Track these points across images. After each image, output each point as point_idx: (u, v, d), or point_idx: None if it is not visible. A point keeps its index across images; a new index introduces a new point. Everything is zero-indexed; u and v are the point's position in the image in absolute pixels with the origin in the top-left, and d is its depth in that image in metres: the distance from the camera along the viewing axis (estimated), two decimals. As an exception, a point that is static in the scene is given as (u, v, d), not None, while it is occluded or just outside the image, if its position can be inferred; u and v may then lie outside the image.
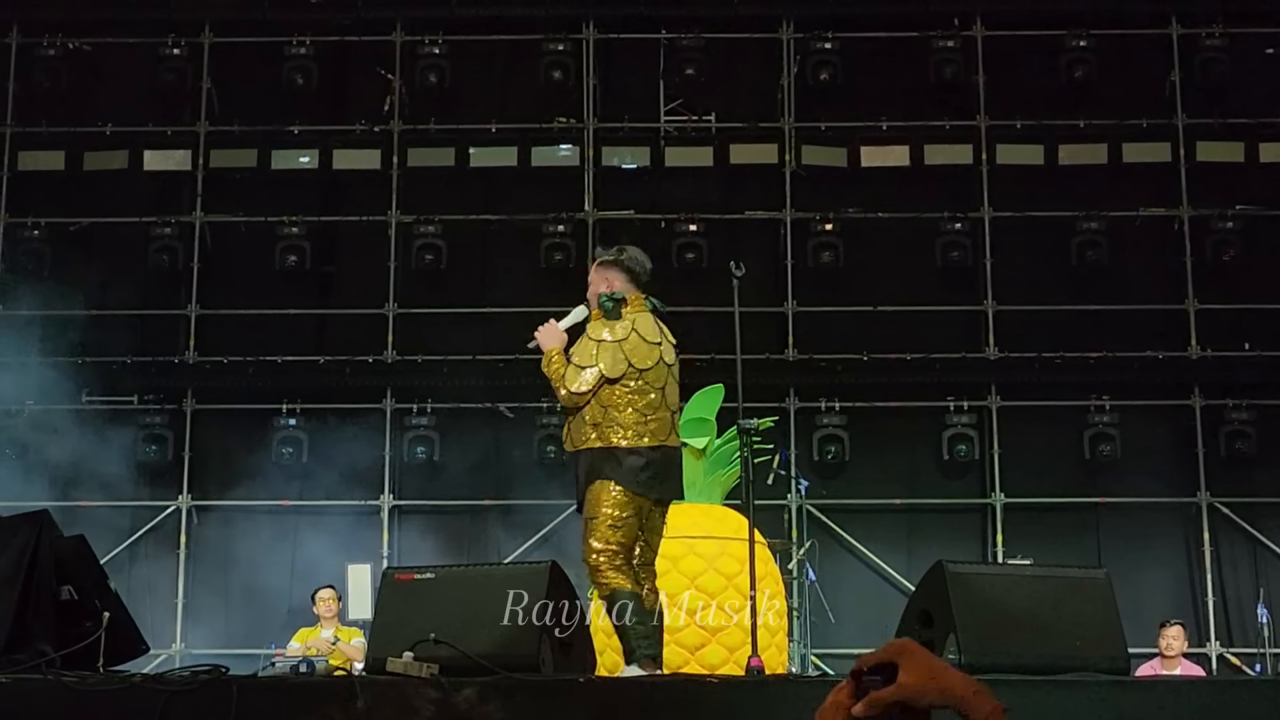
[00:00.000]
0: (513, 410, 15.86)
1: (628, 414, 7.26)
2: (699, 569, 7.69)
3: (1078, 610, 6.76)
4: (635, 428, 7.25)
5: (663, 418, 7.34)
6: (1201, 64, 16.33)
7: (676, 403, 7.52)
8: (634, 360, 7.30)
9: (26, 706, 6.18)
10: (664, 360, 7.40)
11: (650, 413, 7.29)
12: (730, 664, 7.41)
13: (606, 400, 7.29)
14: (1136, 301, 16.08)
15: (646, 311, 7.49)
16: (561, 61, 16.47)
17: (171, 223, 16.28)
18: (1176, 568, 15.86)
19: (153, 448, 15.78)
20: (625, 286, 7.50)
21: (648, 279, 7.60)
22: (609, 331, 7.35)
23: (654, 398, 7.32)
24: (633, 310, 7.46)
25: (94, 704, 6.09)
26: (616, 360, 7.28)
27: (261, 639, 14.61)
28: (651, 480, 7.24)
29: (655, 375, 7.34)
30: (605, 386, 7.28)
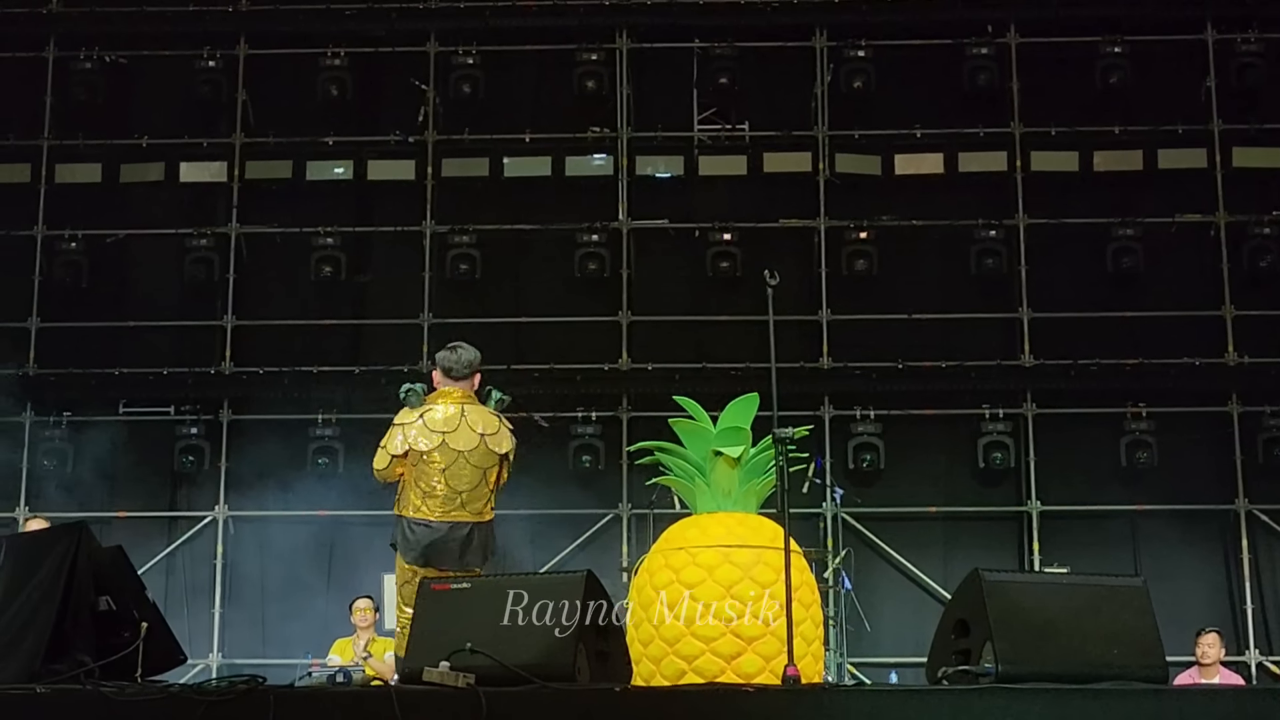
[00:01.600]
0: (548, 420, 15.86)
1: (411, 490, 8.60)
2: (735, 578, 7.68)
3: (1115, 619, 6.72)
4: (414, 502, 8.57)
5: (443, 496, 8.50)
6: (1237, 69, 16.27)
7: (458, 487, 8.53)
8: (413, 444, 8.53)
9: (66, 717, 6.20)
10: (450, 446, 8.51)
11: (429, 491, 8.51)
12: (766, 673, 7.39)
13: (406, 476, 8.65)
14: (1173, 308, 16.01)
15: (451, 404, 8.68)
16: (595, 71, 16.49)
17: (207, 234, 16.35)
18: (1214, 575, 15.79)
19: (189, 458, 15.84)
20: (439, 380, 8.84)
21: (462, 373, 8.84)
22: (400, 417, 8.72)
23: (436, 480, 8.52)
24: (434, 400, 8.73)
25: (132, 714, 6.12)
26: (398, 441, 8.62)
27: (298, 649, 14.62)
28: (426, 550, 8.52)
29: (437, 458, 8.50)
30: (407, 464, 8.61)
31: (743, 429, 8.11)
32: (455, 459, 8.53)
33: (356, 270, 16.48)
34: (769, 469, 7.99)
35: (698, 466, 8.16)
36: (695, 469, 8.17)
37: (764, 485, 8.13)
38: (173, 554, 15.97)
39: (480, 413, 8.77)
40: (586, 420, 15.74)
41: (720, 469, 8.12)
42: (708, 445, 8.12)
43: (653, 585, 7.87)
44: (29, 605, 6.96)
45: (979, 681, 6.45)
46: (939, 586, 15.27)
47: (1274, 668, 15.21)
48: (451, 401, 8.73)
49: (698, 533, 7.98)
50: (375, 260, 16.78)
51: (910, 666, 14.58)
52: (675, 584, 7.75)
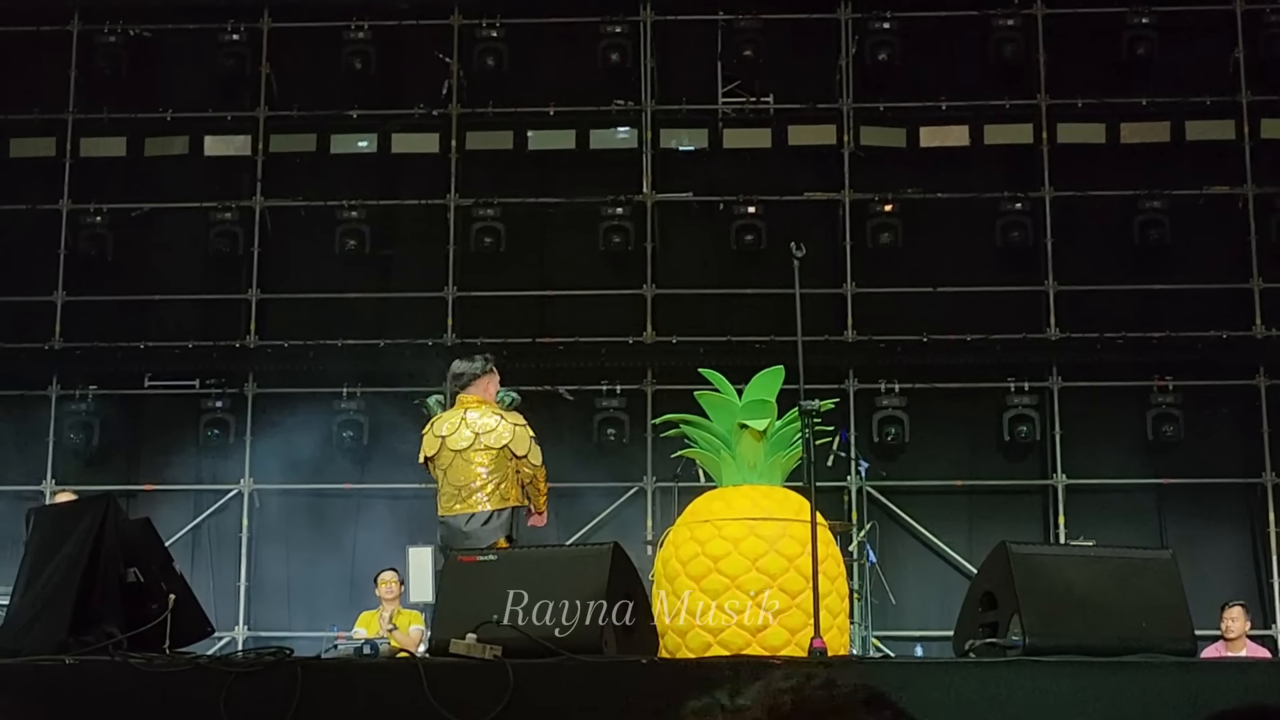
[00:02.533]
0: (572, 393, 15.88)
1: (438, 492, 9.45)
2: (760, 550, 7.66)
3: (1143, 591, 6.71)
4: (439, 502, 9.40)
5: (449, 493, 9.26)
6: (1266, 40, 16.15)
7: (457, 482, 9.24)
8: (426, 451, 9.45)
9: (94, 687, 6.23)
10: (448, 448, 9.27)
11: (441, 490, 9.33)
12: (792, 645, 7.38)
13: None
14: (1200, 281, 15.94)
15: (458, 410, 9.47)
16: (619, 44, 16.45)
17: (232, 207, 16.37)
18: (1241, 549, 15.75)
19: (215, 431, 15.88)
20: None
21: (461, 385, 9.62)
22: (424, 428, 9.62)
23: (443, 479, 9.29)
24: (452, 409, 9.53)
25: (160, 685, 6.14)
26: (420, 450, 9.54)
27: (324, 622, 14.68)
28: (446, 542, 9.16)
29: (440, 460, 9.30)
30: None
31: (768, 402, 8.09)
32: (453, 459, 9.25)
33: (381, 243, 16.48)
34: (794, 442, 7.97)
35: (723, 439, 8.14)
36: (720, 442, 8.15)
37: (789, 458, 8.11)
38: (198, 527, 16.02)
39: (483, 414, 9.45)
40: (611, 393, 15.73)
41: (745, 442, 8.11)
42: (733, 418, 8.10)
43: (678, 558, 7.87)
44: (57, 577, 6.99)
45: (1006, 654, 6.45)
46: (964, 560, 15.26)
47: (1301, 642, 15.18)
48: (459, 408, 9.51)
49: (723, 505, 7.96)
50: (399, 233, 16.79)
51: (935, 640, 14.58)
52: (701, 557, 7.74)
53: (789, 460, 8.13)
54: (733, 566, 7.64)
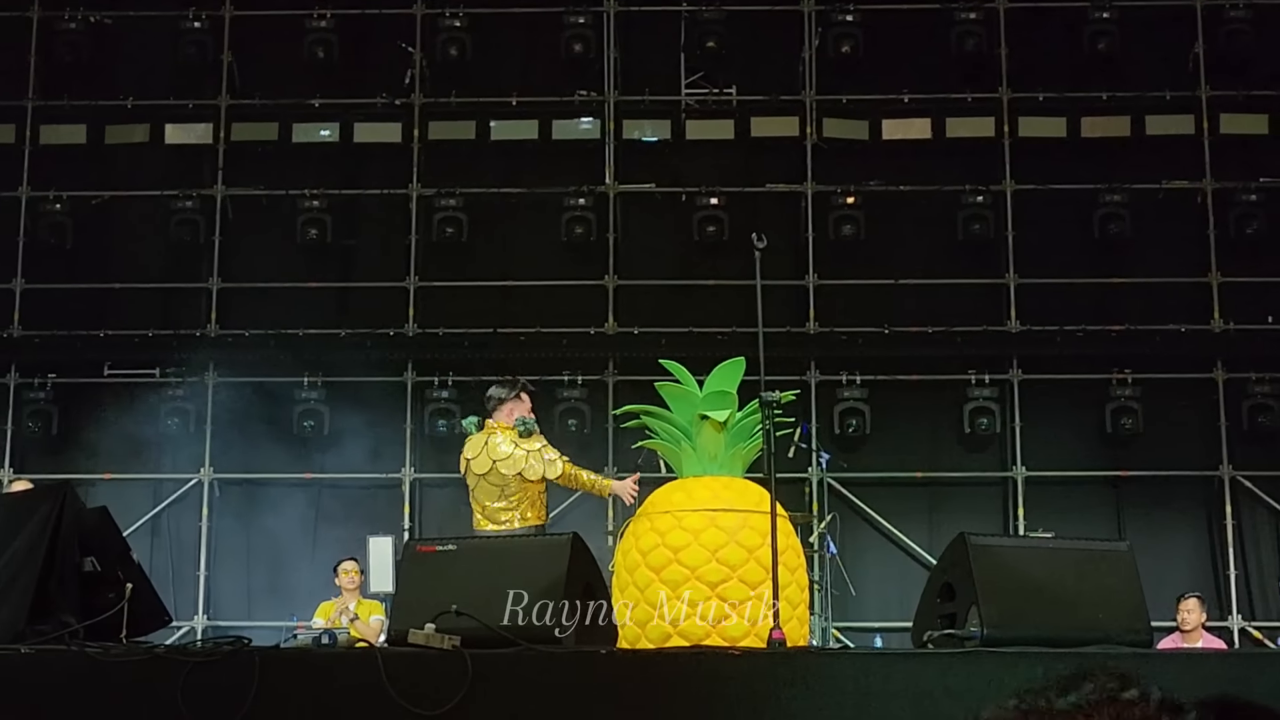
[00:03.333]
0: (533, 384, 15.83)
1: None
2: (720, 541, 7.68)
3: (1100, 583, 6.75)
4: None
5: (478, 513, 9.69)
6: (1225, 35, 16.24)
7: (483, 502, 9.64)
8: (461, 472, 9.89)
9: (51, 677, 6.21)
10: (473, 471, 9.63)
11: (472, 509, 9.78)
12: (752, 636, 7.40)
13: None
14: (1159, 275, 16.02)
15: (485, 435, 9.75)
16: (582, 34, 16.43)
17: (193, 196, 16.29)
18: (1198, 542, 15.83)
19: (174, 421, 15.79)
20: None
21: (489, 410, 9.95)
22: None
23: (472, 499, 9.75)
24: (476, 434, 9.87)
25: (117, 675, 6.12)
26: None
27: (283, 611, 14.64)
28: None
29: (468, 480, 9.75)
30: None
31: (729, 393, 8.11)
32: (477, 481, 9.61)
33: (342, 233, 16.42)
34: (755, 433, 7.99)
35: (684, 430, 8.16)
36: (681, 433, 8.17)
37: (750, 449, 8.13)
38: (158, 516, 15.95)
39: (504, 441, 9.65)
40: (572, 384, 15.73)
41: (706, 433, 8.13)
42: (694, 409, 8.12)
43: (638, 549, 7.88)
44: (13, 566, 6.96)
45: (964, 645, 6.48)
46: (924, 551, 15.31)
47: (1256, 633, 15.26)
48: (486, 432, 9.78)
49: (683, 496, 7.98)
50: (361, 223, 16.73)
51: (895, 631, 14.62)
52: (661, 548, 7.75)
53: (749, 451, 8.15)
54: (693, 558, 7.65)
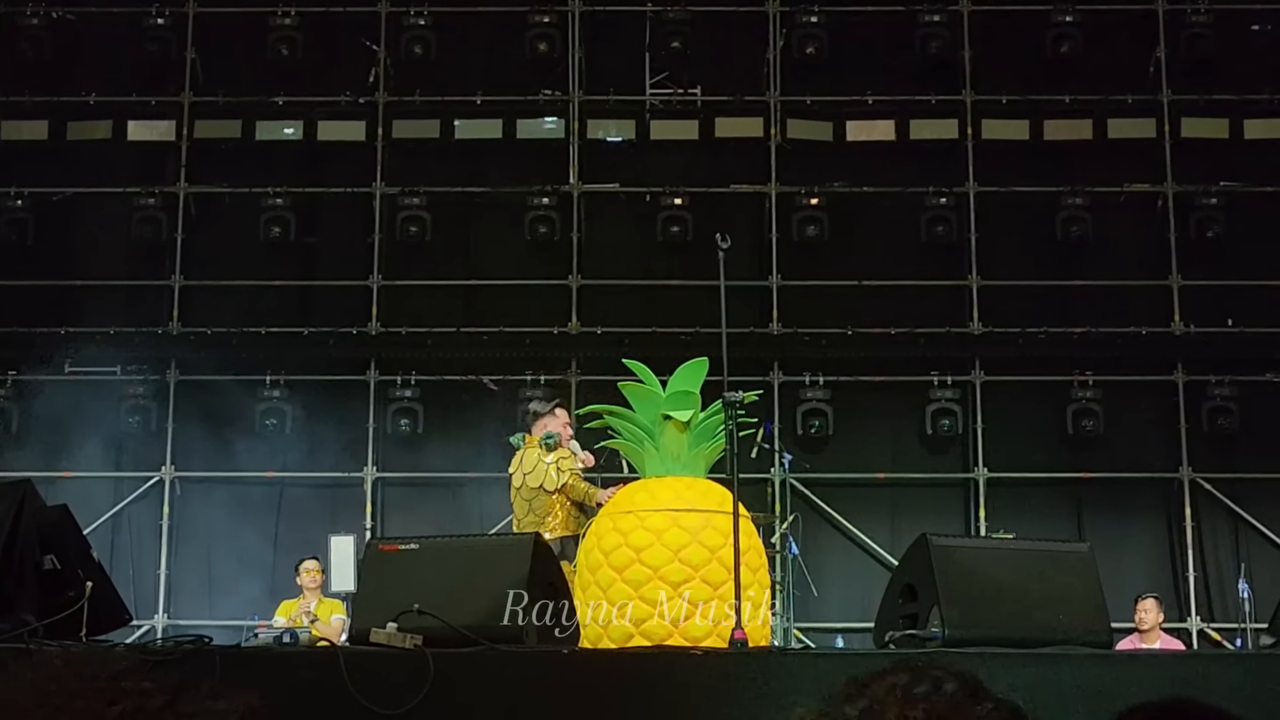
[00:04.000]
0: (496, 383, 15.86)
1: None
2: (683, 542, 7.68)
3: (1061, 584, 6.77)
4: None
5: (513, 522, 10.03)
6: (1187, 40, 16.32)
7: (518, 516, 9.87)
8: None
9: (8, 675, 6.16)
10: (512, 485, 9.90)
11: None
12: (714, 636, 7.41)
13: None
14: (1120, 277, 16.11)
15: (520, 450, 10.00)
16: (547, 34, 16.42)
17: (155, 193, 16.22)
18: (1158, 543, 15.91)
19: (136, 419, 15.73)
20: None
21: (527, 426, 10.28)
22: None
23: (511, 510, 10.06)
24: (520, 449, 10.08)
25: (77, 674, 6.07)
26: None
27: (245, 610, 14.61)
28: None
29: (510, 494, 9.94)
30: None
31: (692, 393, 8.12)
32: (514, 495, 9.87)
33: (305, 231, 16.38)
34: (718, 433, 8.01)
35: (647, 430, 8.16)
36: (644, 433, 8.17)
37: (713, 449, 8.15)
38: (119, 514, 15.87)
39: (533, 455, 9.82)
40: (535, 383, 15.71)
41: (669, 433, 8.13)
42: (657, 409, 8.13)
43: (600, 548, 7.88)
44: (-28, 564, 6.91)
45: (926, 645, 6.49)
46: (886, 552, 15.34)
47: (1215, 634, 15.34)
48: (524, 447, 10.01)
49: (646, 496, 7.98)
50: (324, 221, 16.70)
51: (857, 632, 14.66)
52: (623, 547, 7.76)
53: (712, 452, 8.17)
54: (655, 557, 7.66)
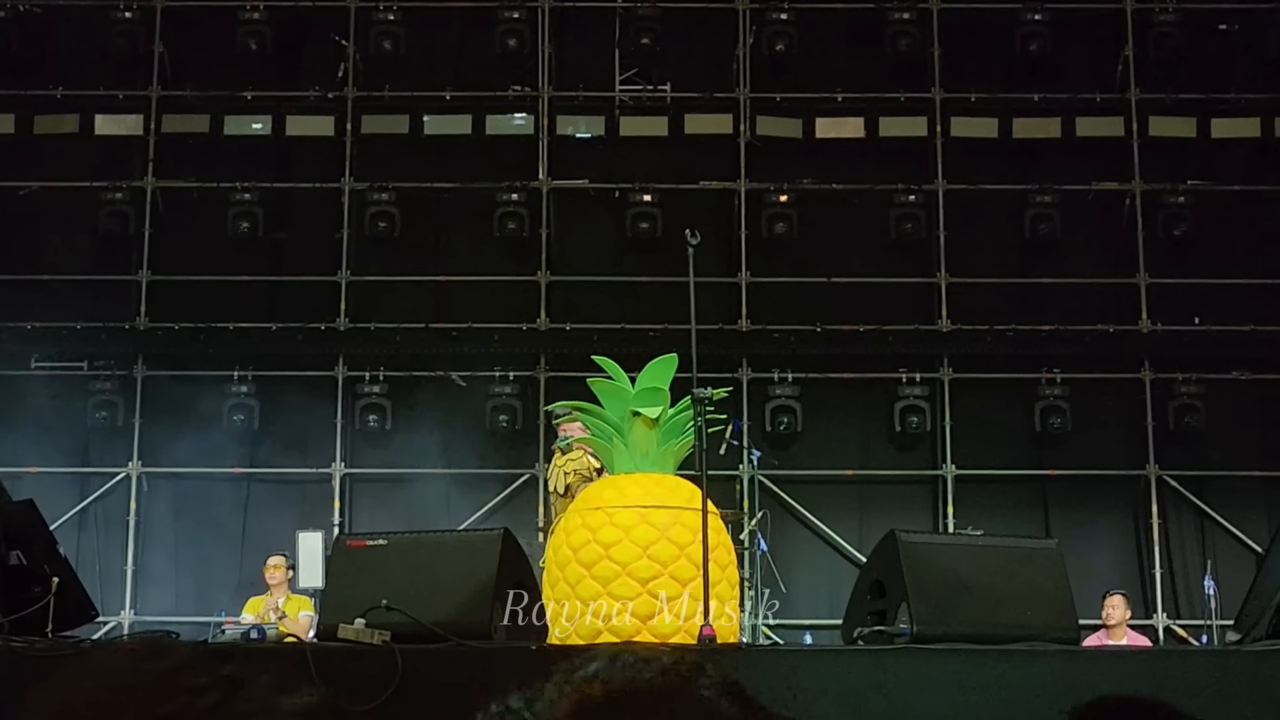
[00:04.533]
0: (465, 379, 15.84)
1: None
2: (651, 538, 7.67)
3: (1029, 581, 6.79)
4: None
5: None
6: (1155, 39, 16.38)
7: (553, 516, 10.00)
8: None
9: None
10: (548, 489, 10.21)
11: None
12: (682, 633, 7.41)
13: None
14: (1088, 275, 16.17)
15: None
16: (516, 29, 16.40)
17: (123, 188, 16.15)
18: (1125, 540, 15.98)
19: (103, 414, 15.67)
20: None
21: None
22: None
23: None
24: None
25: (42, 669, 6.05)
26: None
27: (212, 606, 14.57)
28: None
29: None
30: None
31: (661, 390, 8.11)
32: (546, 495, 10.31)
33: (274, 226, 16.34)
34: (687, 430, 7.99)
35: (615, 427, 8.15)
36: (613, 429, 8.16)
37: (682, 446, 8.14)
38: (85, 510, 15.81)
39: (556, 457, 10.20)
40: (504, 380, 15.70)
41: (638, 429, 8.12)
42: (626, 405, 8.11)
43: (569, 545, 7.87)
44: (-62, 560, 6.88)
45: (894, 642, 6.51)
46: (854, 549, 15.37)
47: (1181, 631, 15.40)
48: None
49: (615, 493, 7.97)
50: (293, 216, 16.65)
51: (825, 629, 14.67)
52: (592, 544, 7.75)
53: (681, 448, 8.16)
54: (624, 554, 7.65)
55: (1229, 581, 13.76)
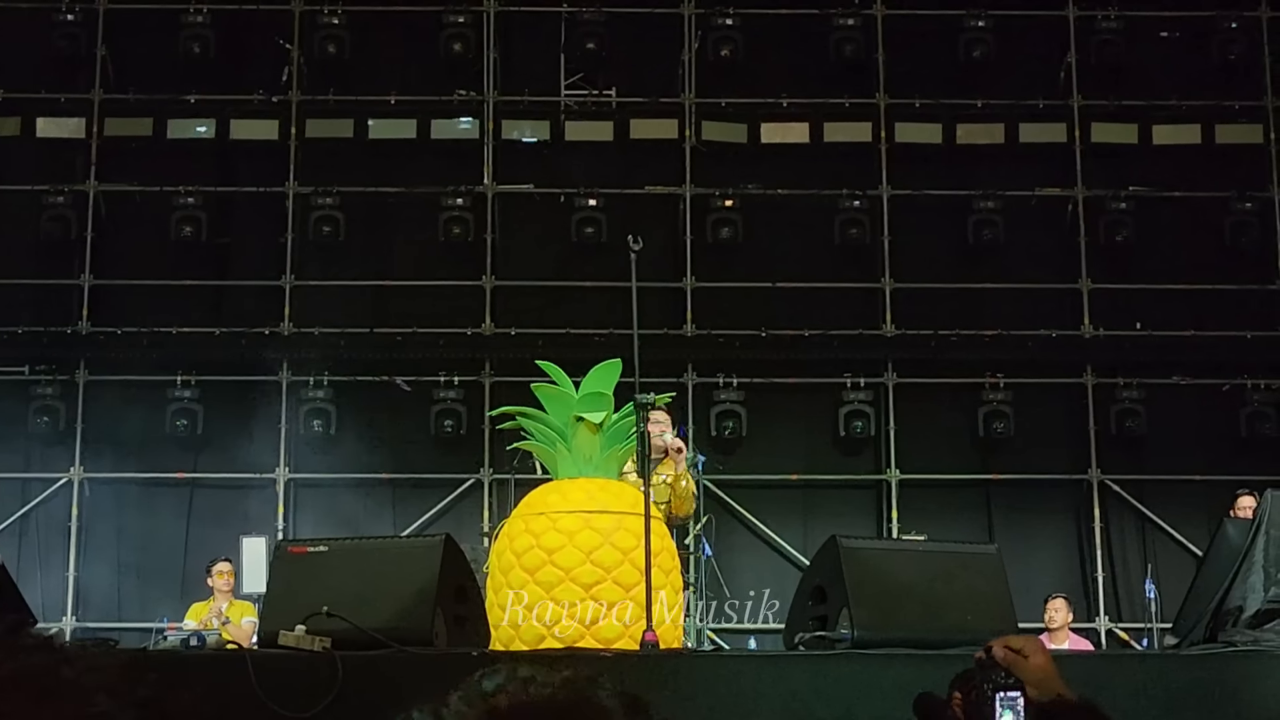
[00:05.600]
0: (409, 384, 15.80)
1: None
2: (595, 543, 7.67)
3: (969, 585, 6.83)
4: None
5: None
6: (1097, 46, 16.50)
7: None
8: None
9: None
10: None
11: None
12: (626, 638, 7.41)
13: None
14: (1031, 280, 16.27)
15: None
16: (462, 33, 16.38)
17: (65, 191, 16.06)
18: (1068, 544, 16.07)
19: (44, 419, 15.57)
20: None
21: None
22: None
23: None
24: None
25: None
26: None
27: (155, 612, 14.48)
28: None
29: None
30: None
31: (604, 395, 8.10)
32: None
33: (218, 231, 16.26)
34: (630, 435, 8.00)
35: (559, 432, 8.14)
36: (557, 434, 8.15)
37: (625, 451, 8.13)
38: (26, 516, 15.71)
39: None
40: (449, 384, 15.68)
41: (582, 434, 8.11)
42: (569, 410, 8.10)
43: (513, 550, 7.86)
44: (-126, 567, 6.83)
45: (835, 647, 6.52)
46: (799, 554, 15.40)
47: (1123, 634, 15.51)
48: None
49: (558, 498, 7.96)
50: (237, 220, 16.58)
51: (770, 633, 14.71)
52: (535, 549, 7.74)
53: (625, 453, 8.16)
54: (567, 559, 7.64)
55: (1170, 584, 13.87)
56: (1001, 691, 3.10)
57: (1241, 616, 6.79)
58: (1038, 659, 3.16)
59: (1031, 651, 3.17)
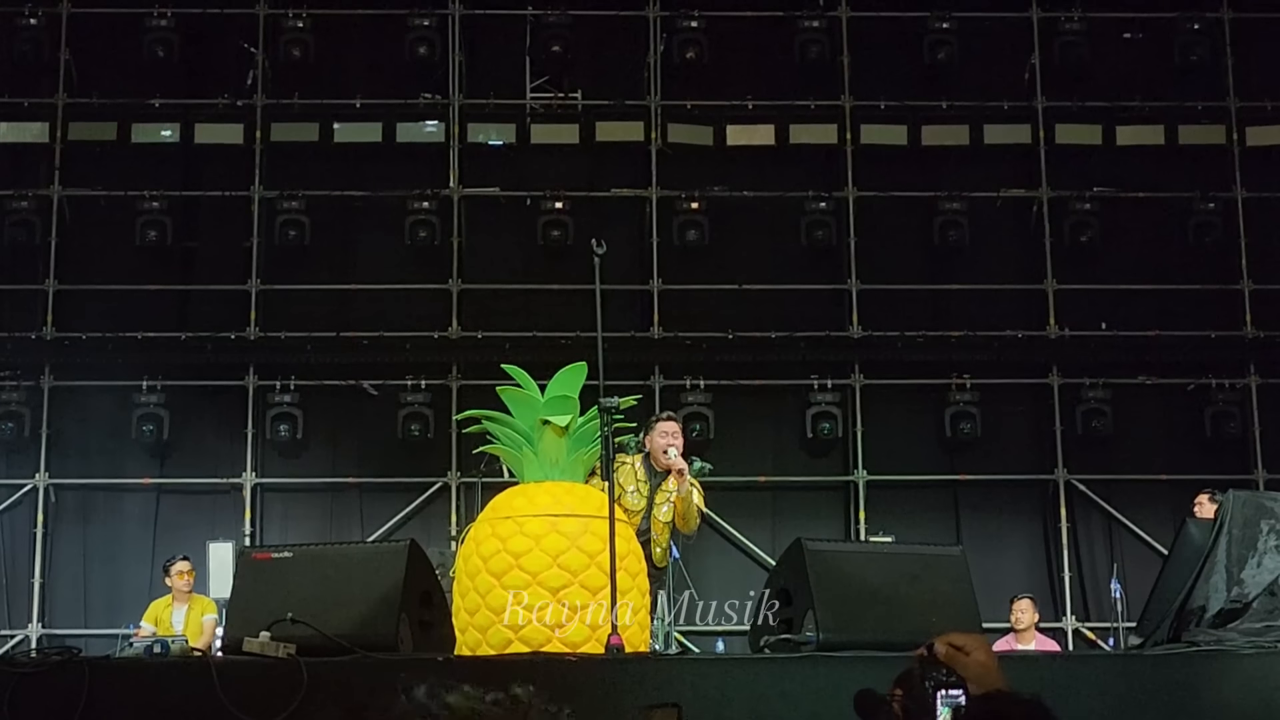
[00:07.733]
0: (376, 388, 15.78)
1: None
2: (561, 547, 7.67)
3: (933, 587, 6.84)
4: None
5: None
6: (1061, 47, 16.56)
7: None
8: None
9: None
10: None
11: None
12: (593, 642, 7.41)
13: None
14: (996, 281, 16.32)
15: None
16: (427, 37, 16.36)
17: (29, 196, 15.99)
18: (1034, 544, 16.12)
19: (9, 425, 15.50)
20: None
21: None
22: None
23: None
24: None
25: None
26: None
27: (121, 618, 14.44)
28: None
29: None
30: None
31: (570, 398, 8.10)
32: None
33: (183, 235, 16.20)
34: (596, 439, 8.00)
35: (525, 435, 8.14)
36: (523, 438, 8.15)
37: (591, 454, 8.14)
38: (-9, 522, 15.65)
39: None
40: (416, 388, 15.65)
41: (548, 438, 8.12)
42: (535, 414, 8.11)
43: (479, 554, 7.85)
44: None
45: (800, 650, 6.53)
46: (767, 555, 15.42)
47: (1090, 634, 15.56)
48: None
49: (525, 501, 7.96)
50: (202, 225, 16.52)
51: (737, 635, 14.70)
52: (502, 553, 7.74)
53: (591, 456, 8.16)
54: (534, 563, 7.64)
55: (1136, 584, 13.92)
56: (942, 689, 3.12)
57: (1204, 616, 6.83)
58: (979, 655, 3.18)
59: (973, 648, 3.19)
